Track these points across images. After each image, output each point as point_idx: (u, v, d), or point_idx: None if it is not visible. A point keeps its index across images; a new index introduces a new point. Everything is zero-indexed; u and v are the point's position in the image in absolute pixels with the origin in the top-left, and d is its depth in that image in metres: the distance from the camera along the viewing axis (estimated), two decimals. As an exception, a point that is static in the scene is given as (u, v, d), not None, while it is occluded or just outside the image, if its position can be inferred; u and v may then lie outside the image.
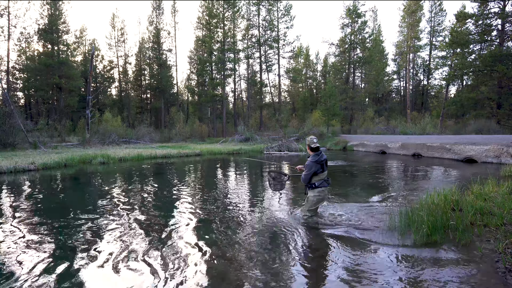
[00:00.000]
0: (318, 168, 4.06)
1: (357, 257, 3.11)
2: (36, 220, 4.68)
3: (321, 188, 4.14)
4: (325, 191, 4.20)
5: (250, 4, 37.82)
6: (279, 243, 3.53)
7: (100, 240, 3.71)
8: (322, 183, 4.14)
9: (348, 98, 36.38)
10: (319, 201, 4.21)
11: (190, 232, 3.96)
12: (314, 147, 4.14)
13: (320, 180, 4.13)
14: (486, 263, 2.79)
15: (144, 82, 41.81)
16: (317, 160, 4.06)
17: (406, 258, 3.03)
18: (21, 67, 34.81)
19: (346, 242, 3.52)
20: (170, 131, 30.80)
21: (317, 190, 4.14)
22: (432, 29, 39.26)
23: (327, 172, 4.19)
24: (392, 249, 3.26)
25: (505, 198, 4.34)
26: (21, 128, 17.66)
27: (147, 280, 2.72)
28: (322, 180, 4.14)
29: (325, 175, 4.18)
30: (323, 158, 4.13)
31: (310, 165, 4.08)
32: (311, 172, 4.06)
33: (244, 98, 47.62)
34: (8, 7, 29.67)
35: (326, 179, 4.18)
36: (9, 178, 8.93)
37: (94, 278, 2.78)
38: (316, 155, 4.11)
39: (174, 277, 2.76)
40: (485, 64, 24.07)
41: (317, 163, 4.06)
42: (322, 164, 4.09)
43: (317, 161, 4.06)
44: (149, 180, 8.79)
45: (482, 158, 11.40)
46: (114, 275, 2.82)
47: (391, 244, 3.40)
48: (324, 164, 4.14)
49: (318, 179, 4.12)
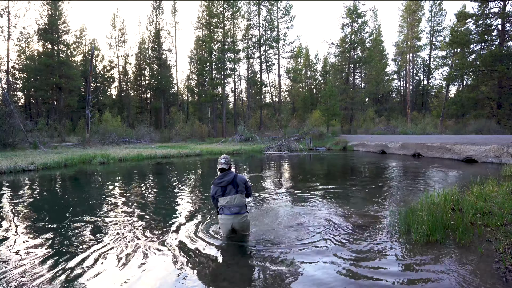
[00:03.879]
0: (216, 191, 3.52)
1: (357, 257, 3.10)
2: (36, 220, 4.67)
3: (221, 215, 3.51)
4: (225, 220, 3.47)
5: (250, 4, 37.85)
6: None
7: (100, 240, 3.71)
8: (222, 209, 3.49)
9: (348, 98, 36.37)
10: (225, 230, 3.53)
11: (190, 232, 3.95)
12: (219, 168, 3.57)
13: (220, 206, 3.51)
14: (486, 263, 2.78)
15: (144, 82, 41.81)
16: (214, 182, 3.55)
17: (406, 258, 3.03)
18: (21, 67, 34.80)
19: (346, 242, 3.51)
20: (170, 131, 30.80)
21: (219, 217, 3.55)
22: (432, 29, 39.26)
23: (233, 198, 3.46)
24: (392, 249, 3.25)
25: (505, 198, 4.33)
26: (21, 128, 17.66)
27: (147, 280, 2.71)
28: (222, 207, 3.49)
29: (227, 201, 3.45)
30: (223, 180, 3.48)
31: (211, 188, 3.61)
32: (211, 195, 3.60)
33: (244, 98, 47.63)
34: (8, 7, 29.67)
35: (228, 206, 3.45)
36: (9, 178, 8.92)
37: (94, 278, 2.77)
38: (217, 177, 3.57)
39: (174, 277, 2.75)
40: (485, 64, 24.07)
41: (214, 185, 3.54)
42: (222, 186, 3.48)
43: (214, 182, 3.54)
44: (149, 180, 8.78)
45: (482, 158, 11.39)
46: (114, 275, 2.82)
47: (391, 244, 3.39)
48: (229, 187, 3.47)
49: (219, 205, 3.52)
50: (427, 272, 2.72)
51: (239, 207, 3.48)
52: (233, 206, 3.46)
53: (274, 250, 3.32)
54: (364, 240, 3.53)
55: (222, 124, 36.08)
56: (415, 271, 2.75)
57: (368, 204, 5.31)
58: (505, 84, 23.92)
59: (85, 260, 3.14)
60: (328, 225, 4.11)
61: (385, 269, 2.82)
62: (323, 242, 3.53)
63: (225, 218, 3.48)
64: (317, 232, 3.84)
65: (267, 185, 7.57)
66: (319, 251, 3.27)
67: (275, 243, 3.52)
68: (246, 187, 3.61)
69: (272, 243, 3.52)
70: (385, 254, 3.15)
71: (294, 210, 4.99)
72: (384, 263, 2.94)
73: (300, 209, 5.00)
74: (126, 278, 2.75)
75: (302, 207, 5.19)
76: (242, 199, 3.53)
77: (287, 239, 3.62)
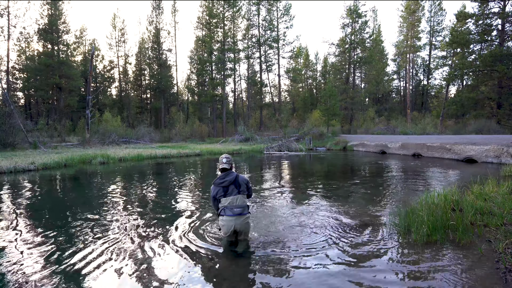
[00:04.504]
0: (217, 191, 3.43)
1: (357, 257, 3.10)
2: (36, 220, 4.68)
3: (222, 216, 3.42)
4: (227, 221, 3.36)
5: (250, 4, 37.85)
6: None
7: (100, 240, 3.71)
8: (223, 210, 3.40)
9: (348, 98, 36.38)
10: (226, 232, 3.41)
11: (190, 232, 3.96)
12: (221, 168, 3.51)
13: (221, 207, 3.42)
14: (486, 263, 2.78)
15: (144, 82, 41.81)
16: (215, 182, 3.47)
17: (406, 258, 3.03)
18: (21, 67, 34.82)
19: (345, 241, 3.51)
20: (170, 131, 30.81)
21: (220, 218, 3.46)
22: (432, 29, 39.28)
23: (235, 198, 3.39)
24: (392, 249, 3.25)
25: (505, 198, 4.34)
26: (21, 128, 17.67)
27: (147, 280, 2.72)
28: (223, 208, 3.40)
29: (229, 202, 3.38)
30: (225, 179, 3.41)
31: (211, 188, 3.53)
32: (211, 196, 3.53)
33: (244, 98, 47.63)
34: (8, 7, 29.68)
35: (230, 207, 3.37)
36: (9, 178, 8.93)
37: (94, 278, 2.77)
38: (218, 176, 3.50)
39: (174, 277, 2.75)
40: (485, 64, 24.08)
41: (215, 185, 3.45)
42: (224, 187, 3.41)
43: (215, 183, 3.46)
44: (149, 180, 8.79)
45: (482, 158, 11.40)
46: (114, 275, 2.82)
47: (391, 244, 3.39)
48: (231, 187, 3.41)
49: (221, 205, 3.44)
50: (427, 272, 2.72)
51: (241, 207, 3.41)
52: (235, 207, 3.38)
53: (274, 250, 3.32)
54: (364, 240, 3.53)
55: (222, 124, 36.08)
56: (415, 271, 2.75)
57: (368, 204, 5.31)
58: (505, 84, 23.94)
59: (85, 259, 3.14)
60: (328, 225, 4.11)
61: (384, 269, 2.82)
62: (323, 242, 3.53)
63: (227, 219, 3.36)
64: (317, 232, 3.84)
65: (267, 185, 7.58)
66: (319, 251, 3.27)
67: (275, 243, 3.52)
68: (247, 188, 3.54)
69: (272, 243, 3.52)
70: (385, 254, 3.15)
71: (294, 210, 4.99)
72: (384, 263, 2.95)
73: (300, 209, 5.00)
74: (126, 278, 2.75)
75: (302, 207, 5.19)
76: (244, 200, 3.47)
77: (287, 239, 3.62)
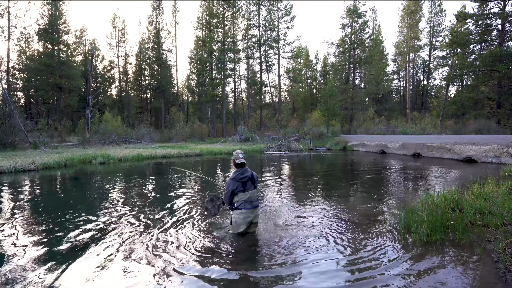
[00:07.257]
0: (236, 186, 3.62)
1: (356, 256, 3.11)
2: (36, 220, 4.68)
3: (240, 210, 3.63)
4: (246, 214, 3.63)
5: (250, 4, 37.87)
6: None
7: (100, 240, 3.71)
8: (243, 204, 3.63)
9: (348, 98, 36.39)
10: (240, 225, 3.65)
11: (190, 231, 3.96)
12: (239, 163, 3.68)
13: (240, 201, 3.64)
14: (486, 263, 2.79)
15: (144, 82, 41.82)
16: (235, 177, 3.62)
17: (406, 258, 3.03)
18: (21, 67, 34.81)
19: (345, 241, 3.52)
20: (170, 131, 30.81)
21: (237, 212, 3.66)
22: (432, 29, 39.31)
23: (253, 192, 3.67)
24: (392, 249, 3.26)
25: (505, 198, 4.34)
26: (21, 128, 17.67)
27: (147, 278, 2.72)
28: (243, 202, 3.62)
29: (248, 196, 3.63)
30: (245, 175, 3.63)
31: (228, 183, 3.67)
32: (229, 190, 3.65)
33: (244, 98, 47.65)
34: (9, 7, 29.69)
35: (250, 201, 3.64)
36: (9, 178, 8.93)
37: (94, 278, 2.78)
38: (237, 172, 3.67)
39: (175, 277, 2.76)
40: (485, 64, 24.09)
41: (235, 180, 3.61)
42: (244, 182, 3.63)
43: (235, 178, 3.62)
44: (149, 180, 8.79)
45: (482, 158, 11.40)
46: (114, 275, 2.83)
47: (391, 244, 3.40)
48: (249, 182, 3.66)
49: (237, 200, 3.65)
50: (426, 272, 2.72)
51: (257, 200, 3.76)
52: (254, 201, 3.70)
53: (274, 249, 3.33)
54: (364, 240, 3.54)
55: (222, 124, 36.09)
56: (414, 271, 2.76)
57: (368, 203, 5.31)
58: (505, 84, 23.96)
59: (84, 260, 3.15)
60: (328, 225, 4.12)
61: (384, 268, 2.82)
62: (323, 241, 3.53)
63: (246, 212, 3.64)
64: (316, 232, 3.85)
65: (267, 185, 7.58)
66: (319, 250, 3.28)
67: (275, 242, 3.53)
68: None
69: (272, 243, 3.53)
70: (384, 253, 3.15)
71: (294, 210, 4.99)
72: (384, 262, 2.95)
73: (300, 209, 5.01)
74: (127, 277, 2.76)
75: (301, 206, 5.20)
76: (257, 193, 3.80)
77: (286, 239, 3.63)
